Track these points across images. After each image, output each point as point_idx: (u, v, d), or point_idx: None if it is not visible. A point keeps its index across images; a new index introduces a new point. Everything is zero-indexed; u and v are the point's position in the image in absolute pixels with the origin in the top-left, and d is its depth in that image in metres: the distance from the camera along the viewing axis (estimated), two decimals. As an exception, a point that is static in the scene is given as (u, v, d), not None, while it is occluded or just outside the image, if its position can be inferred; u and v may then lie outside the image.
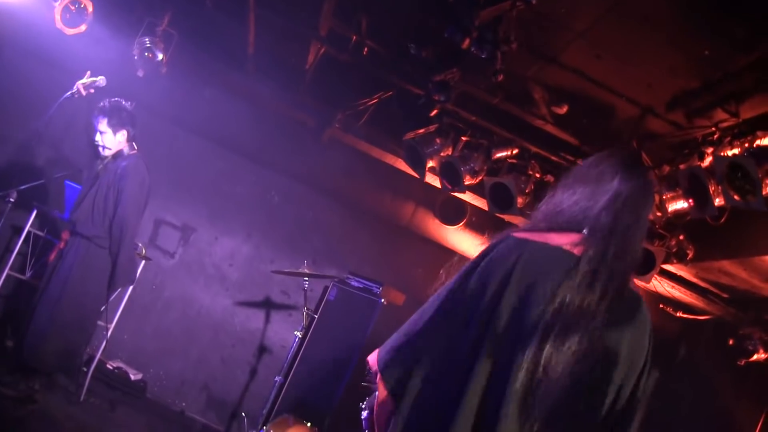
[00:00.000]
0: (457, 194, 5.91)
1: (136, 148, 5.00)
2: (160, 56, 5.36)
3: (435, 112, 5.41)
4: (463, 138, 5.46)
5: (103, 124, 4.85)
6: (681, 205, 4.59)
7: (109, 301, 4.98)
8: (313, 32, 5.06)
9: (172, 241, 6.80)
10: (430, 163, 5.55)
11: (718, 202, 4.11)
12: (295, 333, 5.35)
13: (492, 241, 2.13)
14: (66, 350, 4.84)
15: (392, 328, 2.23)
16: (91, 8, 5.08)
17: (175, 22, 5.46)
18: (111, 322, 5.62)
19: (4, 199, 4.78)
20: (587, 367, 1.89)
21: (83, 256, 4.79)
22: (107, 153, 4.92)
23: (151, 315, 6.70)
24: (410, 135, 5.47)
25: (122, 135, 4.91)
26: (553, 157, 5.38)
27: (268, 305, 6.84)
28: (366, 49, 5.16)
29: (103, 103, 4.88)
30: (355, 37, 5.04)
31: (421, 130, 5.43)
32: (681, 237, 5.19)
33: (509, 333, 1.94)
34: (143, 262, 5.78)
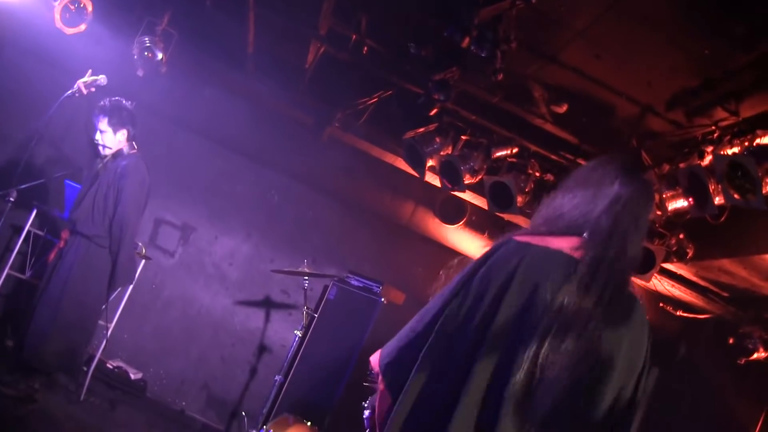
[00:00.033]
0: (456, 193, 5.91)
1: (136, 147, 5.00)
2: (160, 56, 5.36)
3: (435, 111, 5.41)
4: (463, 137, 5.46)
5: (104, 123, 4.85)
6: (681, 203, 4.58)
7: (109, 301, 4.98)
8: (312, 31, 5.05)
9: (172, 241, 6.80)
10: (430, 162, 5.54)
11: (718, 200, 4.11)
12: (295, 332, 5.35)
13: (493, 244, 2.17)
14: (67, 350, 4.84)
15: (392, 327, 2.24)
16: (90, 8, 5.08)
17: (175, 22, 5.46)
18: (111, 322, 5.62)
19: (4, 199, 4.77)
20: (586, 369, 1.93)
21: (83, 255, 4.79)
22: (107, 152, 4.92)
23: (151, 314, 6.70)
24: (410, 134, 5.47)
25: (122, 134, 4.91)
26: (553, 156, 5.39)
27: (268, 304, 6.84)
28: (365, 48, 5.16)
29: (103, 102, 4.88)
30: (354, 36, 5.04)
31: (421, 129, 5.43)
32: (681, 236, 5.19)
33: (509, 334, 1.97)
34: (143, 262, 5.79)
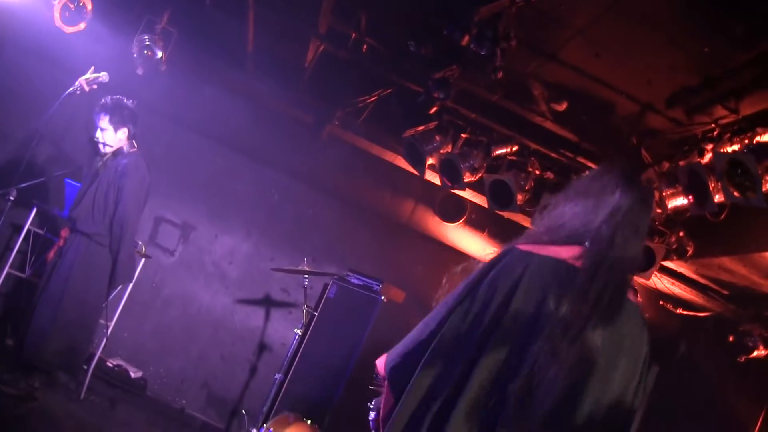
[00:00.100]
0: (456, 191, 5.91)
1: (136, 146, 5.00)
2: (160, 54, 5.35)
3: (434, 109, 5.41)
4: (463, 135, 5.46)
5: (105, 121, 4.85)
6: (681, 201, 4.59)
7: (109, 299, 4.99)
8: (312, 30, 5.05)
9: (172, 239, 6.81)
10: (430, 161, 5.54)
11: (718, 198, 4.11)
12: (295, 330, 5.36)
13: (497, 253, 2.23)
14: (68, 348, 4.84)
15: (392, 326, 2.27)
16: (90, 6, 5.08)
17: (175, 20, 5.45)
18: (111, 320, 5.62)
19: (4, 198, 4.78)
20: (586, 372, 1.99)
21: (84, 254, 4.79)
22: (107, 150, 4.92)
23: (151, 313, 6.70)
24: (410, 132, 5.47)
25: (123, 133, 4.91)
26: (553, 154, 5.38)
27: (268, 303, 6.84)
28: (365, 47, 5.15)
29: (104, 100, 4.88)
30: (354, 35, 5.04)
31: (421, 128, 5.43)
32: (681, 234, 5.20)
33: (513, 339, 2.05)
34: (143, 260, 5.79)
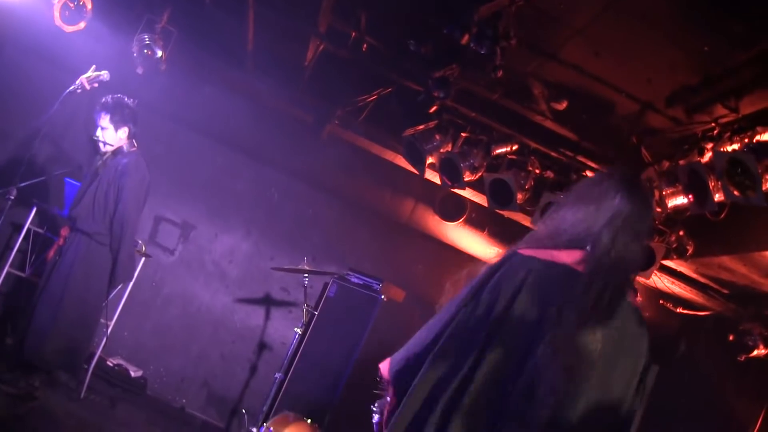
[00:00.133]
0: (456, 190, 5.92)
1: (136, 145, 5.00)
2: (160, 53, 5.35)
3: (434, 108, 5.41)
4: (463, 134, 5.46)
5: (105, 120, 4.85)
6: (681, 200, 4.59)
7: (109, 298, 4.99)
8: (312, 29, 5.05)
9: (172, 238, 6.81)
10: (430, 160, 5.55)
11: (718, 197, 4.11)
12: (295, 330, 5.36)
13: (500, 257, 2.27)
14: (68, 348, 4.84)
15: (392, 325, 2.30)
16: (90, 5, 5.08)
17: (175, 20, 5.45)
18: (111, 320, 5.62)
19: (4, 197, 4.77)
20: (588, 376, 2.01)
21: (84, 253, 4.79)
22: (108, 149, 4.92)
23: (151, 312, 6.70)
24: (410, 131, 5.47)
25: (124, 132, 4.91)
26: (553, 153, 5.39)
27: (268, 302, 6.84)
28: (365, 46, 5.15)
29: (105, 99, 4.87)
30: (354, 34, 5.04)
31: (421, 127, 5.43)
32: (681, 233, 5.20)
33: (516, 342, 2.08)
34: (143, 259, 5.79)
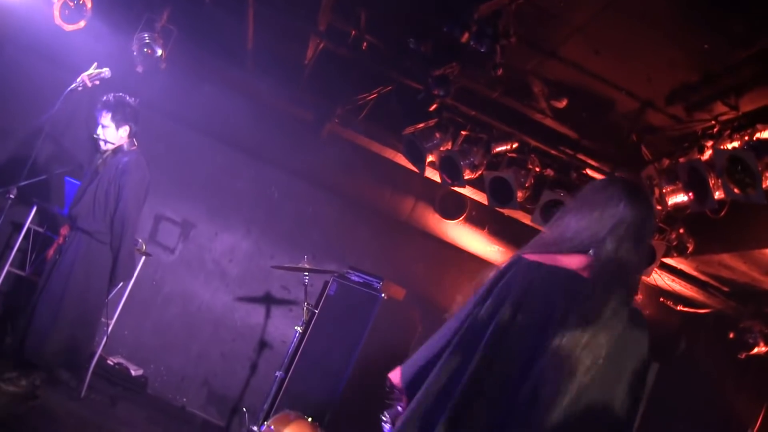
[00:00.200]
0: (456, 189, 5.92)
1: (136, 143, 5.00)
2: (159, 52, 5.35)
3: (434, 106, 5.40)
4: (463, 132, 5.46)
5: (107, 119, 4.85)
6: (681, 198, 4.59)
7: (109, 297, 4.99)
8: (311, 27, 5.04)
9: (172, 237, 6.81)
10: (430, 158, 5.55)
11: (718, 195, 4.11)
12: (296, 328, 5.36)
13: (505, 263, 2.31)
14: (69, 347, 4.83)
15: (393, 323, 2.34)
16: (90, 4, 5.07)
17: (174, 19, 5.45)
18: (111, 318, 5.62)
19: (4, 196, 4.77)
20: (592, 379, 2.04)
21: (84, 252, 4.79)
22: (108, 147, 4.92)
23: (151, 311, 6.70)
24: (410, 130, 5.47)
25: (124, 130, 4.91)
26: (553, 151, 5.38)
27: (269, 300, 6.85)
28: (365, 44, 5.15)
29: (107, 98, 4.87)
30: (354, 32, 5.03)
31: (421, 125, 5.42)
32: (681, 230, 5.20)
33: (521, 347, 2.12)
34: (143, 258, 5.79)
